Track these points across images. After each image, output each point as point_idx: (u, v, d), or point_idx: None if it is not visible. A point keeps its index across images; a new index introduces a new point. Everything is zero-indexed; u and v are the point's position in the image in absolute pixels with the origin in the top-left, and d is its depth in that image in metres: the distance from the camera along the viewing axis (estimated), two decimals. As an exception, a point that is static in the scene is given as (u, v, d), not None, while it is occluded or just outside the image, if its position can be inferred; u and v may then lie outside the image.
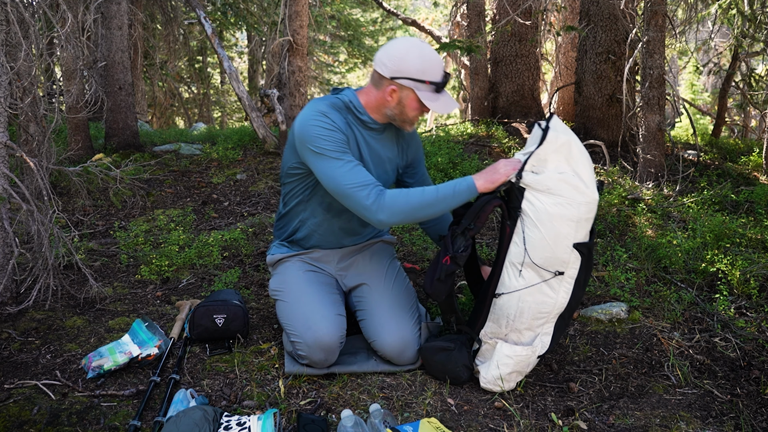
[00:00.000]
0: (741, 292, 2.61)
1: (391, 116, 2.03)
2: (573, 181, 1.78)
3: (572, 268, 1.85)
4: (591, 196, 1.79)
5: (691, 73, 11.24)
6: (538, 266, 1.83)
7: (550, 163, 1.81)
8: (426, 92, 1.94)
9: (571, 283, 1.88)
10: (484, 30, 6.00)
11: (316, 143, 1.90)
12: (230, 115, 16.05)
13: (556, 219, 1.78)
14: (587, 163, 1.84)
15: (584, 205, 1.78)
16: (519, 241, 1.85)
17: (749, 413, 1.85)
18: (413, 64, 1.91)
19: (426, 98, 1.93)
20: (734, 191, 4.02)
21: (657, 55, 4.18)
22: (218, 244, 3.20)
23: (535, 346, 1.93)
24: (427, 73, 1.92)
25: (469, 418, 1.81)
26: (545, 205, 1.78)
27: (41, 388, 1.87)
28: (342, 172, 1.87)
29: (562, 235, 1.79)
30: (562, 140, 1.81)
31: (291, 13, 7.29)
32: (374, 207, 1.84)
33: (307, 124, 1.92)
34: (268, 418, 1.64)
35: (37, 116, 2.82)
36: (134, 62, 7.99)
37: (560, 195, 1.77)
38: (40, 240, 2.40)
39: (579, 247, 1.82)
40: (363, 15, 14.88)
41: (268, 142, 5.12)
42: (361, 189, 1.85)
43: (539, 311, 1.89)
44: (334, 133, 1.92)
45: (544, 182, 1.78)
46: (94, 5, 3.41)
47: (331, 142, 1.90)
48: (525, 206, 1.81)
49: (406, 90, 1.94)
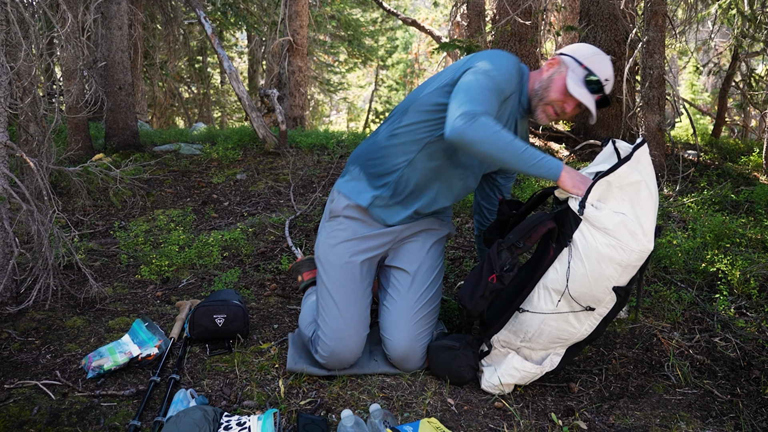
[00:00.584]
0: (741, 292, 2.61)
1: (535, 93, 1.95)
2: (632, 227, 1.69)
3: (604, 308, 1.82)
4: (646, 245, 1.71)
5: (691, 73, 11.24)
6: (572, 298, 1.79)
7: (613, 200, 1.72)
8: (578, 77, 1.89)
9: (599, 320, 1.85)
10: (484, 30, 6.00)
11: (490, 70, 1.82)
12: (230, 115, 16.05)
13: (605, 260, 1.72)
14: (652, 209, 1.74)
15: (636, 253, 1.71)
16: (560, 268, 1.79)
17: (749, 413, 1.85)
18: (586, 51, 1.91)
19: (572, 82, 1.88)
20: (734, 191, 4.02)
21: (657, 55, 4.18)
22: (218, 244, 3.20)
23: (544, 366, 1.94)
24: (589, 62, 1.89)
25: (469, 418, 1.81)
26: (597, 243, 1.71)
27: (41, 388, 1.87)
28: (478, 92, 1.77)
29: (606, 276, 1.74)
30: (634, 179, 1.71)
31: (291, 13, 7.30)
32: (462, 117, 1.71)
33: (495, 59, 1.86)
34: (268, 418, 1.64)
35: (37, 116, 2.82)
36: (134, 62, 7.99)
37: (615, 238, 1.69)
38: (40, 240, 2.40)
39: (618, 290, 1.77)
40: (363, 15, 14.88)
41: (268, 142, 5.12)
42: (473, 109, 1.73)
43: (559, 337, 1.88)
44: (508, 79, 1.86)
45: (602, 221, 1.70)
46: (94, 5, 3.41)
47: (499, 81, 1.82)
48: (577, 237, 1.74)
49: (563, 66, 1.91)
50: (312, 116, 18.02)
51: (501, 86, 1.84)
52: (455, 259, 3.11)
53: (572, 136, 5.47)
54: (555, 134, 5.62)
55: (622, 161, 1.72)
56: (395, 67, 17.96)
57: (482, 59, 1.87)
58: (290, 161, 4.89)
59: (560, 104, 1.92)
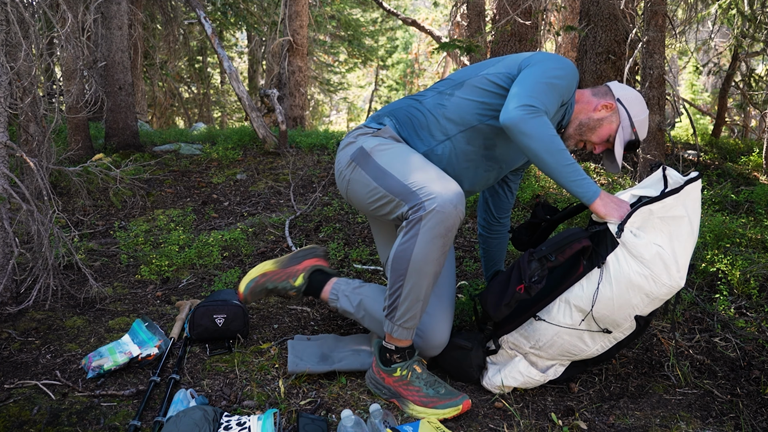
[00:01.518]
0: (741, 292, 2.61)
1: (580, 124, 1.97)
2: (668, 260, 1.69)
3: (621, 333, 1.83)
4: (677, 282, 1.70)
5: (691, 73, 11.24)
6: (593, 317, 1.79)
7: (652, 231, 1.71)
8: (623, 136, 1.94)
9: (613, 343, 1.86)
10: (484, 30, 6.00)
11: (555, 70, 1.80)
12: (230, 115, 16.06)
13: (634, 288, 1.71)
14: (690, 247, 1.73)
15: (666, 288, 1.70)
16: (588, 286, 1.78)
17: (749, 413, 1.85)
18: (640, 110, 1.95)
19: (619, 139, 1.93)
20: (734, 191, 4.02)
21: (657, 55, 4.18)
22: (218, 244, 3.20)
23: (548, 375, 1.95)
24: (639, 125, 1.94)
25: (469, 418, 1.81)
26: (630, 270, 1.70)
27: (41, 388, 1.87)
28: (541, 89, 1.75)
29: (631, 304, 1.73)
30: (678, 213, 1.70)
31: (291, 13, 7.30)
32: (524, 109, 1.69)
33: (564, 62, 1.85)
34: (268, 418, 1.64)
35: (37, 116, 2.82)
36: (134, 62, 7.99)
37: (649, 269, 1.69)
38: (40, 240, 2.40)
39: (639, 319, 1.78)
40: (363, 15, 14.89)
41: (268, 142, 5.12)
42: (534, 101, 1.71)
43: (569, 351, 1.89)
44: (568, 83, 1.84)
45: (640, 249, 1.69)
46: (94, 5, 3.41)
47: (562, 78, 1.81)
48: (610, 260, 1.73)
49: (616, 116, 1.94)
50: (312, 116, 18.03)
51: (563, 94, 1.84)
52: (456, 259, 3.11)
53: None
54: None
55: (669, 192, 1.71)
56: (395, 67, 17.96)
57: (550, 59, 1.85)
58: (290, 161, 4.89)
59: (593, 145, 1.98)
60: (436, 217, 1.64)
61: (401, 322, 1.78)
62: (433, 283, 1.74)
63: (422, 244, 1.66)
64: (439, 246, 1.67)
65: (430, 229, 1.65)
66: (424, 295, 1.74)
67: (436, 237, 1.65)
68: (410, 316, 1.77)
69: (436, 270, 1.72)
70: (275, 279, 2.14)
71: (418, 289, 1.73)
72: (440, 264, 1.71)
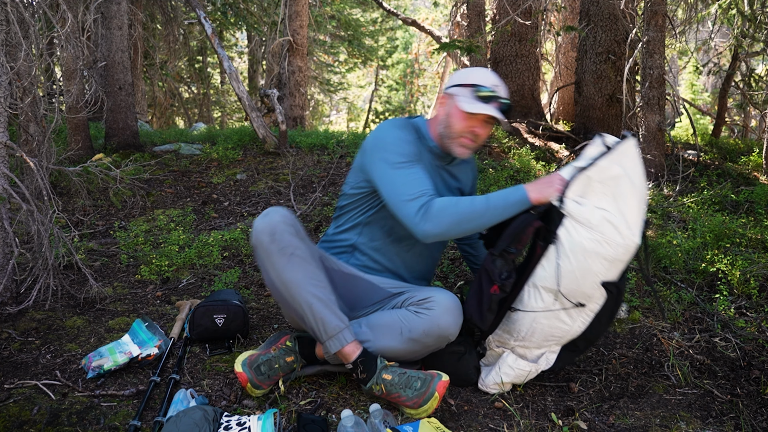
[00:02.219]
0: (741, 292, 2.61)
1: (442, 134, 1.96)
2: (615, 221, 1.69)
3: (595, 303, 1.82)
4: (631, 239, 1.70)
5: (691, 73, 11.24)
6: (562, 294, 1.79)
7: (594, 194, 1.72)
8: (468, 97, 1.88)
9: (591, 317, 1.85)
10: (484, 30, 5.99)
11: (386, 152, 1.85)
12: (230, 115, 16.05)
13: (590, 255, 1.72)
14: (636, 204, 1.72)
15: (622, 248, 1.71)
16: (548, 266, 1.79)
17: (749, 413, 1.85)
18: (461, 72, 1.92)
19: (465, 101, 1.87)
20: (734, 191, 4.02)
21: (657, 55, 4.18)
22: (218, 244, 3.20)
23: (540, 364, 1.94)
24: (471, 77, 1.89)
25: (469, 418, 1.81)
26: (582, 238, 1.72)
27: (41, 388, 1.87)
28: (402, 182, 1.81)
29: (593, 272, 1.74)
30: (615, 173, 1.70)
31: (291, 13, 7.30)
32: (419, 217, 1.75)
33: (381, 136, 1.90)
34: (268, 418, 1.64)
35: (37, 116, 2.82)
36: (134, 62, 7.99)
37: (599, 232, 1.70)
38: (40, 240, 2.40)
39: (607, 286, 1.77)
40: (363, 15, 14.89)
41: (268, 142, 5.12)
42: (414, 201, 1.77)
43: (551, 334, 1.88)
44: (406, 145, 1.87)
45: (586, 215, 1.71)
46: (94, 5, 3.41)
47: (402, 153, 1.85)
48: (562, 234, 1.74)
49: (450, 99, 1.92)
50: (312, 116, 18.03)
51: (407, 154, 1.85)
52: (455, 259, 3.11)
53: (572, 136, 5.47)
54: (555, 134, 5.62)
55: (601, 155, 1.72)
56: (395, 67, 17.97)
57: (376, 148, 1.89)
58: (290, 161, 4.89)
59: (469, 130, 1.91)
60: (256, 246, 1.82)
61: (325, 337, 1.80)
62: (304, 288, 1.78)
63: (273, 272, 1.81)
64: (284, 262, 1.78)
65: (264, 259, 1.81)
66: (311, 303, 1.78)
67: (271, 257, 1.79)
68: (321, 326, 1.79)
69: (298, 277, 1.78)
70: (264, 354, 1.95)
71: (302, 303, 1.79)
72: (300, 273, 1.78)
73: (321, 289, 1.82)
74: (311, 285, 1.79)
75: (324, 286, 1.83)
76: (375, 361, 1.83)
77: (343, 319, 1.82)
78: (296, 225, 1.85)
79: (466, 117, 1.89)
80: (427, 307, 1.83)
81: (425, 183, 1.81)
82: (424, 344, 1.84)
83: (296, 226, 1.85)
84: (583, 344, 1.95)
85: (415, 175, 1.82)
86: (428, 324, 1.80)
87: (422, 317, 1.81)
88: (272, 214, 1.83)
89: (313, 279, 1.81)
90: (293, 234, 1.82)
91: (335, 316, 1.80)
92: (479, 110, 1.84)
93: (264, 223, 1.82)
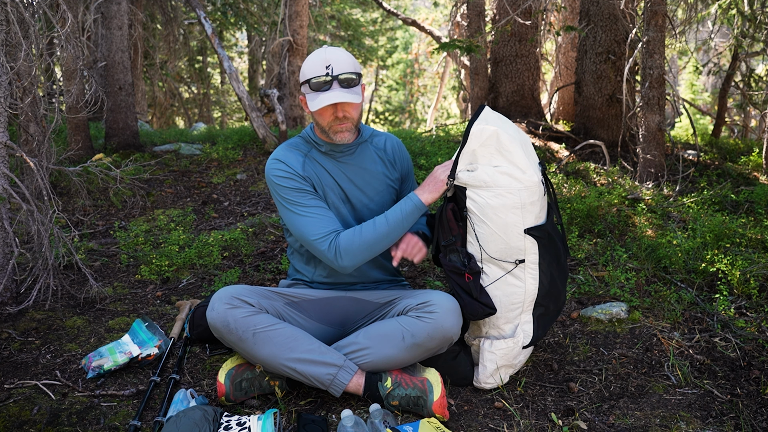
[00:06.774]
0: (741, 292, 2.61)
1: (321, 131, 1.96)
2: (507, 170, 1.80)
3: (531, 254, 1.87)
4: (529, 180, 1.80)
5: (691, 73, 11.24)
6: (497, 259, 1.85)
7: (482, 158, 1.83)
8: (309, 94, 1.89)
9: (536, 269, 1.89)
10: (484, 30, 5.99)
11: (276, 193, 1.93)
12: (230, 115, 16.05)
13: (500, 210, 1.80)
14: (520, 148, 1.83)
15: (524, 191, 1.80)
16: (472, 239, 1.87)
17: (749, 413, 1.85)
18: (302, 68, 1.91)
19: (309, 99, 1.88)
20: (734, 191, 4.02)
21: (657, 55, 4.18)
22: (218, 244, 3.20)
23: (517, 337, 1.95)
24: (303, 71, 1.89)
25: (469, 418, 1.81)
26: (485, 199, 1.81)
27: (41, 388, 1.87)
28: (303, 222, 1.88)
29: (510, 224, 1.81)
30: (488, 132, 1.81)
31: (291, 13, 7.29)
32: (332, 255, 1.84)
33: (267, 173, 1.95)
34: (268, 418, 1.64)
35: (37, 116, 2.82)
36: (134, 62, 7.99)
37: (497, 186, 1.79)
38: (40, 240, 2.40)
39: (531, 232, 1.83)
40: (363, 15, 14.89)
41: (268, 142, 5.12)
42: (322, 240, 1.85)
43: (511, 302, 1.90)
44: (289, 180, 1.90)
45: (479, 177, 1.81)
46: (94, 5, 3.41)
47: (289, 189, 1.89)
48: (469, 204, 1.84)
49: (304, 98, 1.93)
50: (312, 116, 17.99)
51: (295, 186, 1.89)
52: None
53: (572, 136, 5.47)
54: (555, 134, 5.62)
55: (468, 126, 1.83)
56: (395, 67, 17.96)
57: (268, 182, 1.96)
58: (290, 161, 4.89)
59: (331, 117, 1.90)
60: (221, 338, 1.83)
61: (325, 386, 1.80)
62: (281, 359, 1.77)
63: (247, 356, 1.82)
64: (251, 345, 1.77)
65: (234, 346, 1.82)
66: (294, 368, 1.78)
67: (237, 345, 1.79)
68: (316, 381, 1.79)
69: (271, 352, 1.77)
70: (251, 371, 1.92)
71: (287, 370, 1.79)
72: (269, 347, 1.77)
73: (297, 351, 1.78)
74: (286, 352, 1.78)
75: (298, 343, 1.80)
76: (378, 390, 1.83)
77: (333, 360, 1.80)
78: (243, 294, 1.81)
79: (319, 112, 1.90)
80: (429, 311, 1.84)
81: (325, 218, 1.88)
82: (426, 348, 1.84)
83: (244, 296, 1.81)
84: (550, 303, 1.97)
85: (313, 211, 1.88)
86: (432, 327, 1.81)
87: (426, 321, 1.82)
88: (216, 304, 1.79)
89: (284, 346, 1.78)
90: (246, 310, 1.79)
91: (323, 365, 1.78)
92: (321, 104, 1.84)
93: (213, 317, 1.78)
